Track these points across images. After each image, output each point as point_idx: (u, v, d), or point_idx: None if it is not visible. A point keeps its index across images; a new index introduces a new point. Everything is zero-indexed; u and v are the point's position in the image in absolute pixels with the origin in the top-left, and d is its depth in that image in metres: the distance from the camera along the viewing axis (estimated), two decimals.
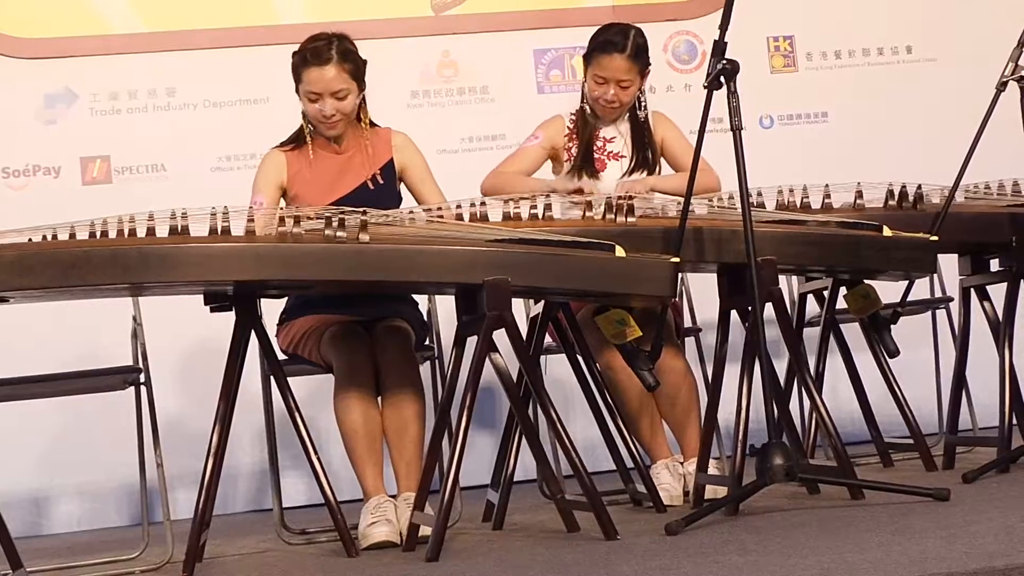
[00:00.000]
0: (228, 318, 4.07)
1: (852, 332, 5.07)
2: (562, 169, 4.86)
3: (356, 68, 4.47)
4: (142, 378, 4.48)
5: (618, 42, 4.73)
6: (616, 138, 4.84)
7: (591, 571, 3.34)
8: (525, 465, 4.78)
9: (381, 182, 4.55)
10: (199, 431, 4.73)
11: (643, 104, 4.84)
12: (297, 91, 4.51)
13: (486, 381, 3.97)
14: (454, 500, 3.92)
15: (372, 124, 4.60)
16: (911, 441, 4.87)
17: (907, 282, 4.69)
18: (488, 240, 3.93)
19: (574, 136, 4.84)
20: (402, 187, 4.64)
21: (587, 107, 4.84)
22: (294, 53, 4.51)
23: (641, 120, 4.83)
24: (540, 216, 4.19)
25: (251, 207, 3.98)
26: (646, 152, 4.81)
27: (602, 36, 4.77)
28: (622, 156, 4.82)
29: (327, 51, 4.43)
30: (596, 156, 4.81)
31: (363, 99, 4.54)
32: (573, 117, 4.87)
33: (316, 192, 4.47)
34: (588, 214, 4.25)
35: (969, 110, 4.58)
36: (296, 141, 4.58)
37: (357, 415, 4.25)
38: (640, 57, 4.74)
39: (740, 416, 4.13)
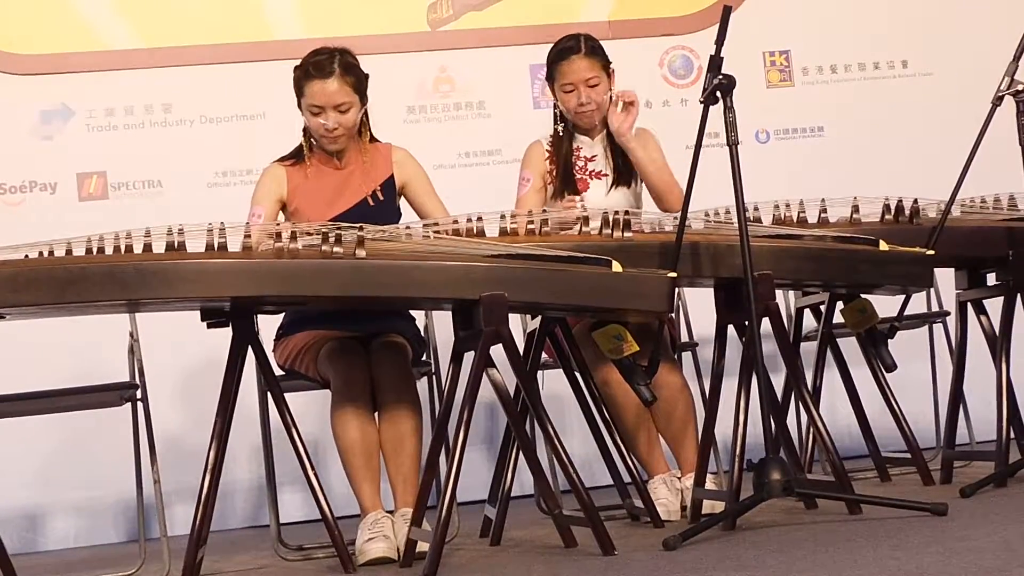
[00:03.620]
0: (225, 334, 4.07)
1: (849, 347, 5.07)
2: (547, 195, 4.84)
3: (358, 82, 4.48)
4: (139, 394, 4.48)
5: (571, 46, 4.77)
6: (597, 156, 4.84)
7: None
8: (522, 480, 4.78)
9: (381, 198, 4.55)
10: (196, 447, 4.72)
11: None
12: (299, 105, 4.51)
13: (483, 396, 3.96)
14: (451, 516, 3.92)
15: (373, 139, 4.60)
16: (908, 455, 4.87)
17: (904, 296, 4.69)
18: (485, 255, 3.93)
19: (554, 158, 4.84)
20: (403, 203, 4.64)
21: (560, 129, 4.84)
22: (296, 67, 4.52)
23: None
24: (537, 231, 4.19)
25: (248, 223, 3.98)
26: (620, 162, 4.80)
27: (555, 49, 4.82)
28: (604, 174, 4.82)
29: (330, 64, 4.44)
30: (578, 176, 4.81)
31: (365, 114, 4.55)
32: (550, 139, 4.87)
33: (316, 207, 4.47)
34: (585, 229, 4.25)
35: (965, 124, 4.58)
36: (297, 156, 4.58)
37: (354, 431, 4.24)
38: (598, 53, 4.76)
39: (737, 431, 4.13)
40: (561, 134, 4.84)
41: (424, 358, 4.66)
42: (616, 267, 3.97)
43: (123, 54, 6.11)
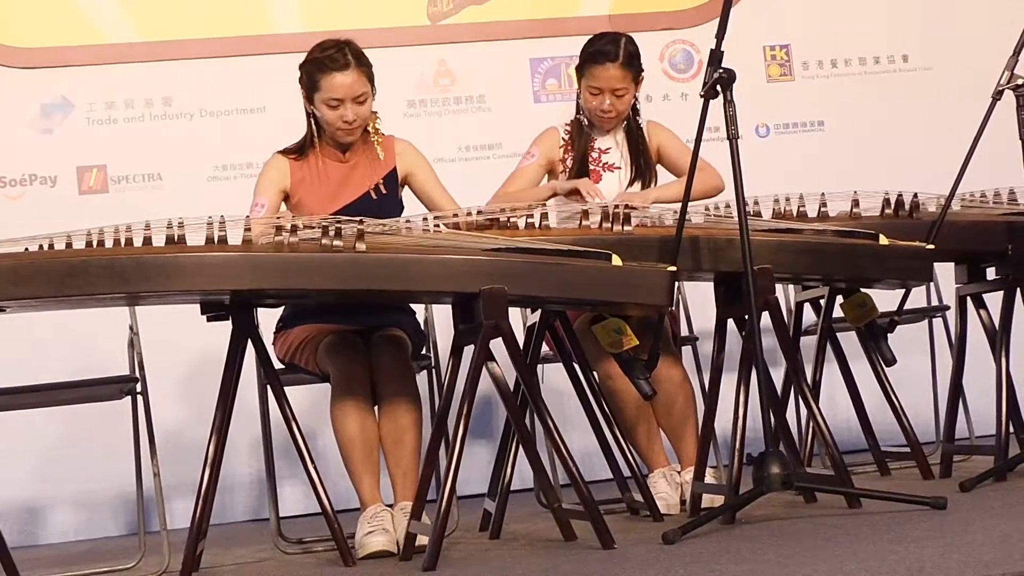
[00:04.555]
0: (225, 327, 4.07)
1: (849, 341, 5.07)
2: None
3: (370, 71, 4.47)
4: (139, 387, 4.48)
5: (609, 51, 4.74)
6: (611, 149, 4.84)
7: None
8: (522, 474, 4.78)
9: (384, 192, 4.54)
10: (196, 440, 4.73)
11: (639, 112, 4.85)
12: (309, 100, 4.48)
13: (483, 390, 3.96)
14: (451, 509, 3.92)
15: (377, 132, 4.59)
16: (908, 450, 4.87)
17: (904, 291, 4.69)
18: (485, 249, 3.93)
19: (569, 148, 4.84)
20: (408, 195, 4.62)
21: (582, 118, 4.84)
22: (304, 63, 4.48)
23: (636, 129, 4.83)
24: (537, 225, 4.19)
25: (247, 216, 3.98)
26: (641, 162, 4.81)
27: (593, 47, 4.78)
28: (617, 167, 4.82)
29: (343, 56, 4.42)
30: (592, 168, 4.81)
31: None
32: (568, 128, 4.87)
33: (319, 200, 4.46)
34: (585, 223, 4.25)
35: (965, 118, 4.58)
36: (300, 149, 4.57)
37: (354, 424, 4.24)
38: (633, 64, 4.74)
39: (737, 425, 4.13)
40: (581, 124, 4.84)
41: (424, 352, 4.66)
42: (616, 261, 3.96)
43: (123, 47, 6.11)
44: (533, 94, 6.32)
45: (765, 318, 4.07)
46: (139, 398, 4.49)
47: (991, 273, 4.69)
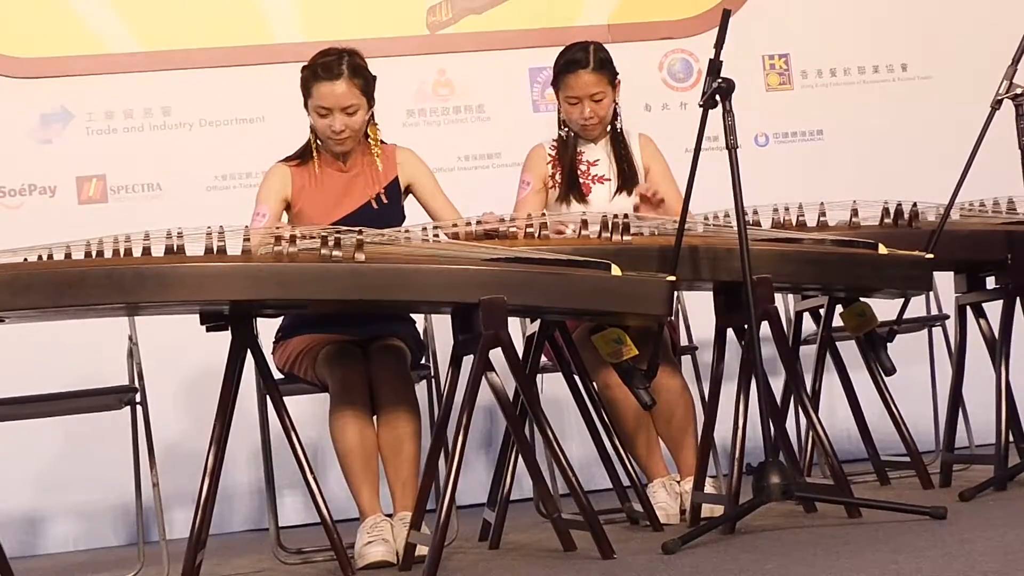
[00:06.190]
0: (224, 338, 4.07)
1: (848, 350, 5.07)
2: (549, 198, 4.84)
3: (366, 84, 4.47)
4: (138, 398, 4.48)
5: (580, 59, 4.73)
6: (600, 160, 4.83)
7: None
8: (521, 484, 4.78)
9: (385, 201, 4.53)
10: (195, 451, 4.72)
11: (619, 117, 4.82)
12: (306, 106, 4.50)
13: (482, 400, 3.96)
14: (450, 519, 3.92)
15: (380, 142, 4.59)
16: (908, 459, 4.88)
17: (903, 300, 4.69)
18: (484, 259, 3.93)
19: (556, 162, 4.83)
20: (411, 205, 4.62)
21: (563, 134, 4.83)
22: (304, 67, 4.50)
23: (620, 136, 4.81)
24: (536, 235, 4.19)
25: (246, 226, 3.98)
26: (625, 169, 4.80)
27: (563, 58, 4.77)
28: (607, 179, 4.80)
29: (338, 66, 4.43)
30: (581, 181, 4.80)
31: (372, 116, 4.54)
32: (554, 144, 4.85)
33: (320, 209, 4.46)
34: (584, 232, 4.25)
35: (964, 128, 4.58)
36: (302, 157, 4.57)
37: (353, 434, 4.24)
38: (606, 68, 4.73)
39: (737, 434, 4.13)
40: (565, 138, 4.83)
41: (423, 361, 4.65)
42: (615, 271, 3.96)
43: (122, 57, 6.11)
44: (532, 103, 6.32)
45: (764, 328, 4.07)
46: (138, 408, 4.49)
47: (991, 282, 4.69)
